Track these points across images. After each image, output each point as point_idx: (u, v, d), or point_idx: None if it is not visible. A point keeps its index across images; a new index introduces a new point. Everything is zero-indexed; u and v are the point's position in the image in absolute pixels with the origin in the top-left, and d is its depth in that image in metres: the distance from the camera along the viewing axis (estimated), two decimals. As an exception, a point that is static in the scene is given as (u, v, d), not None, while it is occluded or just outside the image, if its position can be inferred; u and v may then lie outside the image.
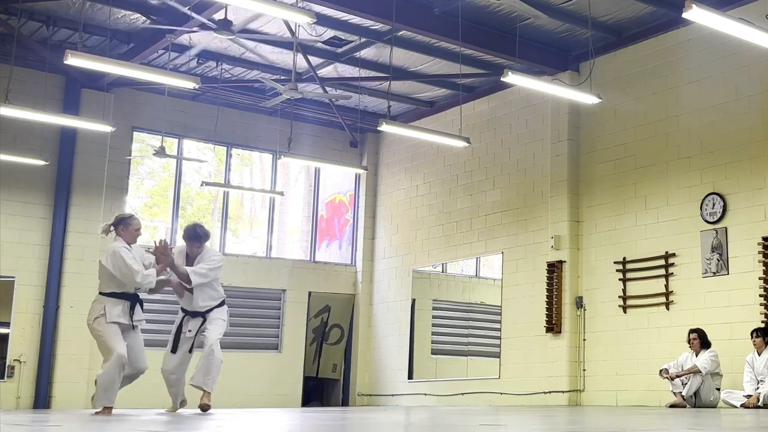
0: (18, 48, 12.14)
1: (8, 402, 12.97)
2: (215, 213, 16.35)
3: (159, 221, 16.57)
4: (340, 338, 16.39)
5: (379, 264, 16.42)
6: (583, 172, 12.94)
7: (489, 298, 14.82)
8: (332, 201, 17.11)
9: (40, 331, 13.46)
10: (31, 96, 12.89)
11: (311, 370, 16.10)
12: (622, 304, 12.10)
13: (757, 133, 10.85)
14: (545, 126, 13.46)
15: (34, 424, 5.23)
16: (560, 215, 12.92)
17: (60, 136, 13.84)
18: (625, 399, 11.85)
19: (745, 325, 10.46)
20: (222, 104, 14.95)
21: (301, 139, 15.64)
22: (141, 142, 15.40)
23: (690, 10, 7.84)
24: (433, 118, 15.45)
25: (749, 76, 11.01)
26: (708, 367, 10.34)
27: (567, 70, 12.97)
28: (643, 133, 12.16)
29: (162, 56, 13.38)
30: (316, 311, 16.14)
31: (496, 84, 13.92)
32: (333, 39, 12.94)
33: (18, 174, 13.26)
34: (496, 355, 13.86)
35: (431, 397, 14.77)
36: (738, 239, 10.86)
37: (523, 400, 13.05)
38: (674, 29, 11.78)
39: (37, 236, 13.65)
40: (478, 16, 11.92)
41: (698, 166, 11.44)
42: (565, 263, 12.72)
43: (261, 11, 9.81)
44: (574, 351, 12.52)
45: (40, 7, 11.97)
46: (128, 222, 7.61)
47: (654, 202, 11.90)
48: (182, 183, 15.33)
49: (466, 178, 14.82)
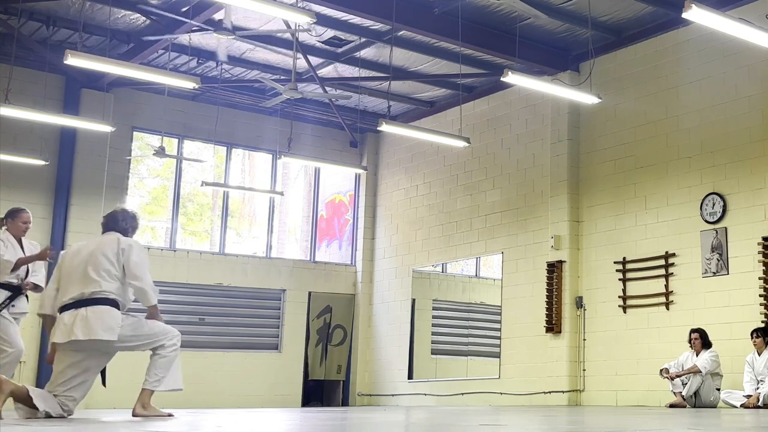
0: (18, 48, 12.14)
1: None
2: (215, 211, 16.35)
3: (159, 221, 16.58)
4: (344, 339, 16.38)
5: (379, 264, 16.42)
6: (583, 172, 12.94)
7: (489, 298, 14.82)
8: (332, 201, 17.11)
9: (40, 331, 13.45)
10: (31, 96, 12.89)
11: (320, 373, 16.02)
12: (622, 304, 12.10)
13: (757, 133, 10.85)
14: (545, 126, 13.46)
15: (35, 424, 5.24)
16: (560, 215, 12.92)
17: (60, 136, 13.84)
18: (625, 399, 11.85)
19: (745, 325, 10.46)
20: (222, 104, 14.95)
21: (301, 139, 15.64)
22: (141, 141, 15.40)
23: (690, 10, 7.84)
24: (433, 118, 15.45)
25: (749, 76, 11.01)
26: (708, 367, 10.34)
27: (567, 70, 12.97)
28: (643, 133, 12.16)
29: (162, 56, 13.39)
30: (317, 312, 16.13)
31: (496, 84, 13.92)
32: (333, 39, 12.95)
33: (18, 174, 13.25)
34: (496, 355, 13.86)
35: (431, 397, 14.77)
36: (738, 239, 10.86)
37: (523, 400, 13.05)
38: (674, 29, 11.78)
39: (37, 236, 13.62)
40: (478, 16, 11.92)
41: (698, 166, 11.44)
42: (565, 263, 12.72)
43: (261, 11, 9.81)
44: (574, 351, 12.52)
45: (40, 7, 11.97)
46: (15, 215, 7.63)
47: (654, 202, 11.90)
48: (182, 183, 15.34)
49: (466, 178, 14.82)
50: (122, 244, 6.04)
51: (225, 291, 15.03)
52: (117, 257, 5.98)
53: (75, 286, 5.94)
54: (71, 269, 6.03)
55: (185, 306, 14.75)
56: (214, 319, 14.98)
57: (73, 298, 5.91)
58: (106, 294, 5.91)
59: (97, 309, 5.84)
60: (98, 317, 5.81)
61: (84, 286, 5.91)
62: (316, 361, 16.00)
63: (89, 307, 5.83)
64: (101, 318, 5.82)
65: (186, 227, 16.32)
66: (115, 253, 5.99)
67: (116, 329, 5.83)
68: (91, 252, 6.01)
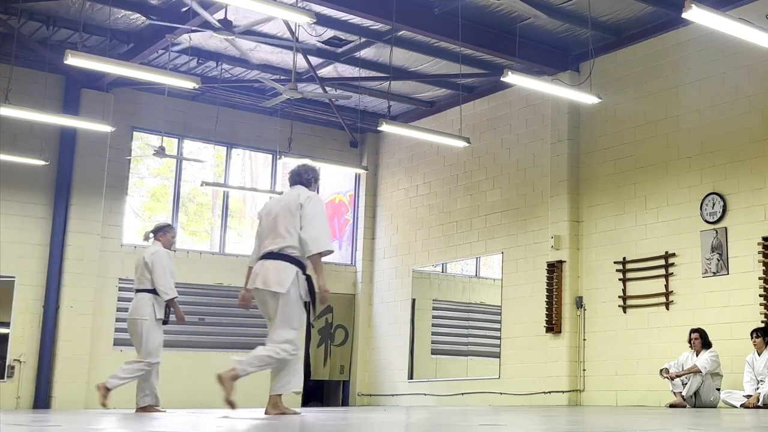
0: (18, 48, 12.14)
1: (8, 402, 12.97)
2: (215, 211, 16.34)
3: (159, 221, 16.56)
4: (345, 339, 16.38)
5: (379, 264, 16.42)
6: (583, 172, 12.94)
7: (489, 298, 14.82)
8: (332, 201, 17.11)
9: (40, 331, 13.46)
10: (31, 96, 12.89)
11: (323, 373, 16.03)
12: (622, 304, 12.10)
13: (757, 133, 10.85)
14: (545, 126, 13.46)
15: (34, 424, 5.23)
16: (560, 215, 12.92)
17: (60, 136, 13.84)
18: (625, 399, 11.85)
19: (745, 325, 10.46)
20: (222, 104, 14.95)
21: (301, 139, 15.64)
22: (141, 141, 15.40)
23: (690, 10, 7.84)
24: (433, 118, 15.45)
25: (749, 76, 11.01)
26: (708, 367, 10.34)
27: (567, 70, 12.97)
28: (643, 133, 12.16)
29: (162, 56, 13.39)
30: (318, 312, 16.11)
31: (496, 84, 13.91)
32: (333, 39, 12.95)
33: (18, 174, 13.26)
34: (496, 355, 13.86)
35: (431, 397, 14.77)
36: (738, 239, 10.86)
37: (523, 400, 13.05)
38: (674, 29, 11.78)
39: (37, 236, 13.65)
40: (478, 16, 11.92)
41: (698, 166, 11.44)
42: (565, 263, 12.72)
43: (261, 11, 9.80)
44: (574, 351, 12.52)
45: (40, 7, 11.97)
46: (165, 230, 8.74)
47: (654, 202, 11.90)
48: (182, 183, 15.33)
49: (466, 178, 14.82)
50: (301, 198, 6.55)
51: (225, 291, 15.01)
52: (298, 211, 6.51)
53: (267, 241, 6.56)
54: (265, 227, 6.62)
55: (185, 306, 14.60)
56: (214, 319, 14.97)
57: (264, 252, 6.53)
58: (288, 251, 6.47)
59: (275, 263, 6.46)
60: (275, 270, 6.43)
61: (272, 241, 6.52)
62: (319, 362, 16.00)
63: (270, 260, 6.48)
64: (276, 271, 6.43)
65: (186, 227, 16.30)
66: (296, 207, 6.51)
67: (286, 284, 6.40)
68: (280, 209, 6.58)
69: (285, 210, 6.51)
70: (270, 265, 6.44)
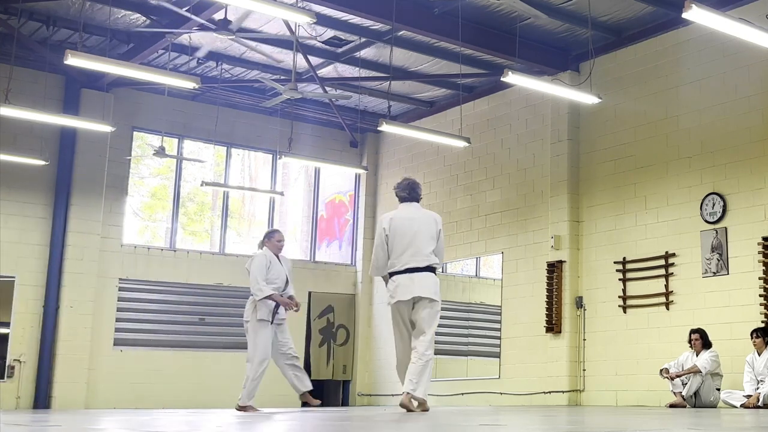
0: (18, 48, 12.14)
1: (8, 402, 12.97)
2: (215, 211, 16.34)
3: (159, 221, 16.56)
4: (347, 339, 16.39)
5: (379, 264, 16.38)
6: (583, 172, 12.94)
7: (489, 298, 14.82)
8: (332, 201, 17.11)
9: (40, 331, 13.46)
10: (31, 96, 12.89)
11: (326, 373, 16.03)
12: (622, 304, 12.10)
13: (757, 133, 10.85)
14: (545, 126, 13.46)
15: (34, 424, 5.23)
16: (560, 215, 12.92)
17: (60, 136, 13.84)
18: (625, 399, 11.85)
19: (745, 325, 10.46)
20: (222, 104, 14.95)
21: (301, 139, 15.64)
22: (141, 141, 15.40)
23: (690, 10, 7.84)
24: (433, 118, 15.45)
25: (749, 76, 11.01)
26: (708, 367, 10.34)
27: (567, 70, 12.97)
28: (643, 133, 12.16)
29: (162, 56, 13.38)
30: (319, 312, 16.13)
31: (496, 84, 13.91)
32: (333, 39, 12.95)
33: (18, 174, 13.26)
34: (496, 355, 13.86)
35: (431, 397, 14.61)
36: (738, 239, 10.86)
37: (523, 400, 13.05)
38: (674, 29, 11.78)
39: (37, 236, 13.65)
40: (478, 16, 11.92)
41: (698, 166, 11.44)
42: (565, 263, 12.72)
43: (261, 11, 9.81)
44: (574, 351, 12.52)
45: (40, 7, 11.97)
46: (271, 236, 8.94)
47: (654, 202, 11.90)
48: (182, 183, 15.33)
49: (466, 178, 14.82)
50: (438, 224, 7.52)
51: (225, 291, 15.02)
52: (436, 236, 7.44)
53: (405, 257, 7.33)
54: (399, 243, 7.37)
55: (185, 306, 14.75)
56: (214, 319, 14.97)
57: (406, 266, 7.31)
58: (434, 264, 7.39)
59: (427, 275, 7.33)
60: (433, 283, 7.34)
61: (413, 258, 7.30)
62: (322, 362, 16.00)
63: (418, 273, 7.29)
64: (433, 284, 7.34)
65: (186, 227, 16.30)
66: (436, 233, 7.45)
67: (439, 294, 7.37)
68: (417, 229, 7.38)
69: (426, 234, 7.36)
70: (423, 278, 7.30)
